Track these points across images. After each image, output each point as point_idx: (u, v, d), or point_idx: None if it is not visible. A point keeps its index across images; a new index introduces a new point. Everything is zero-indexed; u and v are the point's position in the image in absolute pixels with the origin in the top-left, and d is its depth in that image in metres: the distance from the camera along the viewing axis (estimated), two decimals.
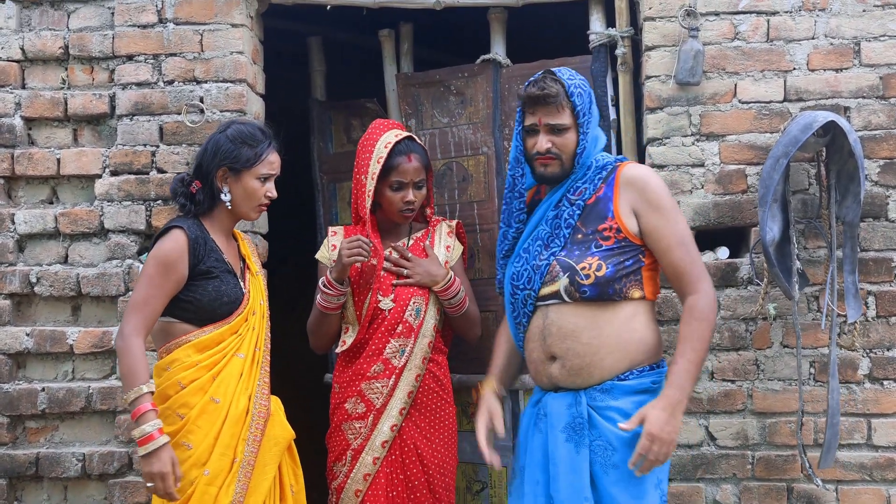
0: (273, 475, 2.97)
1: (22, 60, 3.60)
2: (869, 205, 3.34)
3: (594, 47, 3.67)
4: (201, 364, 2.88)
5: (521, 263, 2.86)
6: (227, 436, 2.86)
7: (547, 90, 2.76)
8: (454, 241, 3.54)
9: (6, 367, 3.54)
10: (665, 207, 2.75)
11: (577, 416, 2.72)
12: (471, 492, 3.79)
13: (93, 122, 3.60)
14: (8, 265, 3.55)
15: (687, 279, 2.74)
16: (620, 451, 2.68)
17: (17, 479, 3.52)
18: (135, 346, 2.81)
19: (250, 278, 3.04)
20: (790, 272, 3.22)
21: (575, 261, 2.74)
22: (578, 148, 2.80)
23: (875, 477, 3.33)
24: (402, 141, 3.38)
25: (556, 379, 2.78)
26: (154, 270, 2.86)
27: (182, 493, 2.81)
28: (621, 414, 2.70)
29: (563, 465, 2.71)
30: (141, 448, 2.74)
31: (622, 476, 2.67)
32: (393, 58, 4.03)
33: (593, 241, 2.76)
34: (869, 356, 3.35)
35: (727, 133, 3.42)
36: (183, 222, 2.93)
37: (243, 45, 3.56)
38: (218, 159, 2.93)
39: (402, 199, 3.38)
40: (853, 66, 3.39)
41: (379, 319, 3.35)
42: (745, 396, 3.38)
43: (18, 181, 3.61)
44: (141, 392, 2.77)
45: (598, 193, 2.80)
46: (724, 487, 3.38)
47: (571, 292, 2.74)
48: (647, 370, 2.76)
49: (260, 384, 2.97)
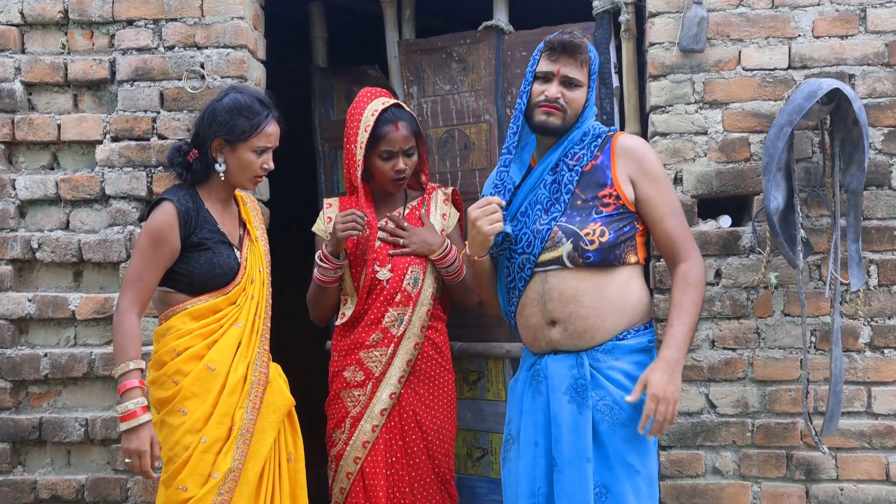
0: (272, 441, 2.97)
1: (21, 25, 3.58)
2: (873, 173, 3.32)
3: (597, 14, 3.64)
4: (196, 332, 2.88)
5: (520, 227, 2.86)
6: (224, 404, 2.86)
7: (576, 40, 2.80)
8: (450, 209, 3.53)
9: (8, 332, 3.55)
10: (660, 178, 2.85)
11: (579, 377, 2.75)
12: (471, 458, 3.81)
13: (93, 87, 3.58)
14: (9, 231, 3.55)
15: (680, 247, 2.83)
16: (627, 409, 2.73)
17: (20, 443, 3.55)
18: (126, 321, 2.82)
19: (249, 245, 3.02)
20: (794, 241, 3.21)
21: (577, 227, 2.76)
22: (585, 108, 2.84)
23: (874, 444, 3.34)
24: (389, 109, 3.35)
25: (557, 343, 2.80)
26: (145, 244, 2.86)
27: (177, 459, 2.83)
28: (623, 374, 2.78)
29: (566, 427, 2.74)
30: (122, 424, 2.78)
31: (630, 434, 2.74)
32: (395, 24, 4.00)
33: (594, 208, 2.79)
34: (870, 324, 3.35)
35: (731, 101, 3.39)
36: (174, 194, 2.90)
37: (244, 11, 3.53)
38: (213, 129, 2.89)
39: (392, 168, 3.36)
40: (858, 33, 3.36)
41: (377, 289, 3.35)
42: (746, 365, 3.38)
43: (19, 147, 3.60)
44: (128, 368, 2.79)
45: (594, 161, 2.84)
46: (723, 455, 3.39)
47: (575, 258, 2.76)
48: (642, 329, 2.85)
49: (260, 352, 2.97)
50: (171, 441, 2.85)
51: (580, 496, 2.70)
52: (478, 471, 3.79)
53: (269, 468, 2.98)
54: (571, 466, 2.72)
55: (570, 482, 2.71)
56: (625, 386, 2.77)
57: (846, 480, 3.35)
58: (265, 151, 2.94)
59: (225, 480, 2.84)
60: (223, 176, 2.93)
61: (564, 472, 2.73)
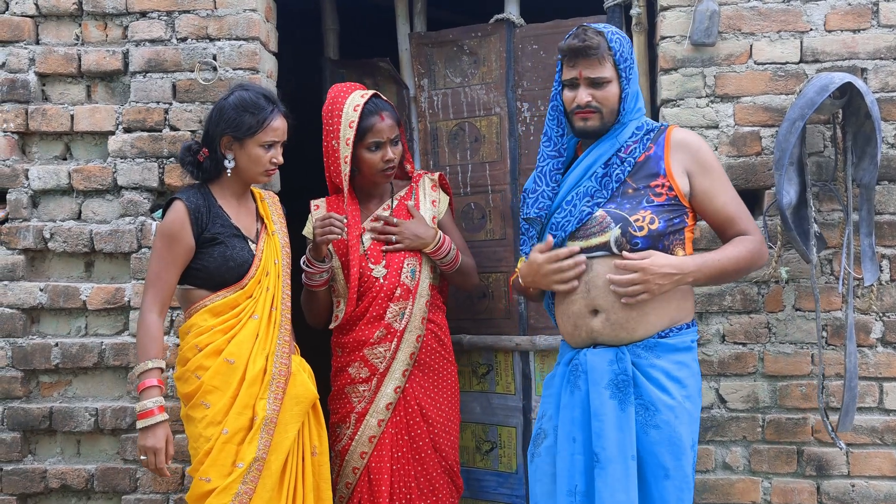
0: (294, 434, 3.00)
1: (36, 16, 3.60)
2: (885, 167, 3.31)
3: (609, 7, 3.63)
4: (216, 328, 2.94)
5: (564, 215, 2.81)
6: (245, 395, 2.91)
7: (588, 42, 2.72)
8: (440, 194, 3.51)
9: (20, 321, 3.57)
10: (717, 171, 2.83)
11: (620, 372, 2.69)
12: (480, 452, 3.81)
13: (106, 78, 3.60)
14: (22, 220, 3.58)
15: (744, 225, 2.81)
16: (662, 412, 2.68)
17: (30, 432, 3.57)
18: (148, 321, 2.91)
19: (266, 238, 3.06)
20: (807, 235, 3.20)
21: (627, 213, 2.72)
22: (623, 101, 2.78)
23: (886, 440, 3.32)
24: (370, 100, 3.33)
25: (598, 333, 2.74)
26: (161, 244, 2.94)
27: (200, 451, 2.88)
28: (664, 373, 2.71)
29: (608, 422, 2.67)
30: (139, 422, 2.87)
31: (663, 437, 2.67)
32: (406, 17, 4.01)
33: (644, 196, 2.73)
34: (882, 320, 3.33)
35: (742, 94, 3.38)
36: (184, 193, 2.98)
37: (256, 3, 3.54)
38: (221, 127, 2.96)
39: (381, 159, 3.33)
40: (871, 27, 3.34)
41: (374, 288, 3.33)
42: (757, 359, 3.37)
43: (32, 137, 3.62)
44: (147, 367, 2.88)
45: (647, 152, 2.79)
46: (733, 450, 3.38)
47: (623, 243, 2.70)
48: (685, 328, 2.79)
49: (280, 343, 3.00)
50: (194, 434, 2.91)
51: (623, 494, 2.62)
52: (486, 464, 3.79)
53: (292, 461, 3.01)
54: (615, 464, 2.64)
55: (614, 480, 2.63)
56: (664, 386, 2.70)
57: (857, 477, 3.34)
58: (273, 146, 2.99)
59: (249, 470, 2.88)
60: (229, 173, 2.99)
61: (608, 469, 2.65)
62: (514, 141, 3.74)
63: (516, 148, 3.75)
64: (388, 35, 4.09)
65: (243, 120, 2.93)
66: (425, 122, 3.89)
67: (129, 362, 3.52)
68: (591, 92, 2.75)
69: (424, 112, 3.89)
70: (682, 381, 2.73)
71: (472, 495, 3.76)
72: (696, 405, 2.77)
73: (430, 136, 3.89)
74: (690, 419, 2.72)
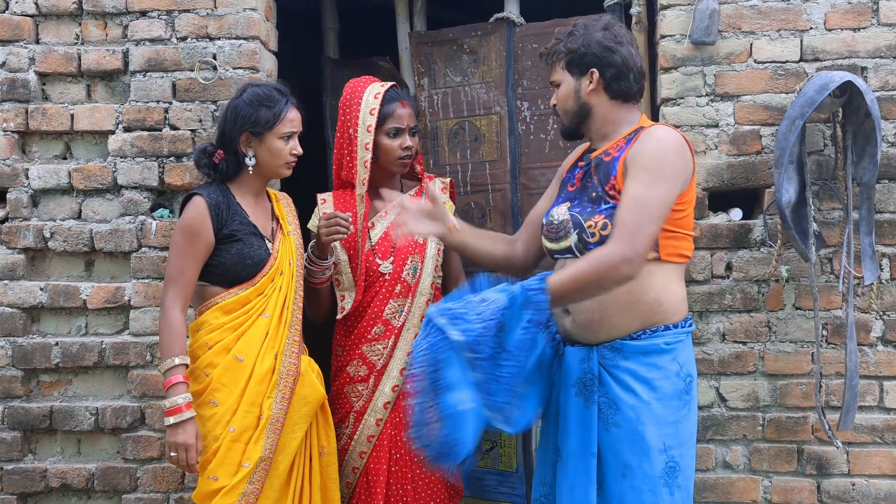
0: (302, 435, 3.01)
1: (36, 15, 3.60)
2: (885, 166, 3.31)
3: (609, 6, 3.64)
4: (227, 326, 2.94)
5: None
6: (252, 393, 2.91)
7: (546, 50, 2.84)
8: (447, 200, 3.51)
9: (20, 321, 3.57)
10: (646, 169, 2.60)
11: (587, 371, 2.72)
12: (480, 451, 3.81)
13: (106, 78, 3.60)
14: (22, 220, 3.58)
15: (617, 231, 2.58)
16: (624, 411, 2.66)
17: (31, 431, 3.57)
18: (171, 318, 2.89)
19: (282, 238, 3.08)
20: (806, 234, 3.20)
21: (584, 218, 2.72)
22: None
23: (886, 439, 3.32)
24: (390, 89, 3.34)
25: (570, 332, 2.79)
26: (181, 239, 2.93)
27: (208, 450, 2.88)
28: (631, 374, 2.68)
29: (572, 419, 2.72)
30: (169, 418, 2.84)
31: (623, 435, 2.66)
32: (406, 16, 4.02)
33: (602, 199, 2.71)
34: (882, 318, 3.33)
35: (742, 93, 3.38)
36: (204, 189, 2.99)
37: (256, 2, 3.54)
38: (239, 125, 2.97)
39: (400, 146, 3.30)
40: (871, 26, 3.34)
41: (379, 283, 3.33)
42: (757, 358, 3.37)
43: (32, 136, 3.62)
44: (173, 364, 2.86)
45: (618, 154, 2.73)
46: (734, 449, 3.38)
47: (581, 249, 2.72)
48: (660, 330, 2.69)
49: (289, 342, 3.01)
50: (203, 432, 2.90)
51: (581, 490, 2.67)
52: (486, 463, 3.78)
53: (299, 461, 3.01)
54: (575, 460, 2.69)
55: (574, 475, 2.69)
56: (629, 386, 2.67)
57: (858, 475, 3.34)
58: (291, 137, 3.01)
59: (256, 469, 2.88)
60: (251, 170, 3.00)
61: (568, 465, 2.71)
62: (514, 140, 3.74)
63: (516, 147, 3.75)
64: (388, 34, 4.09)
65: (260, 115, 2.95)
66: (425, 121, 3.89)
67: (130, 361, 3.53)
68: (556, 94, 2.84)
69: (424, 111, 3.89)
70: (651, 383, 2.67)
71: (473, 494, 3.76)
72: (673, 408, 2.68)
73: (430, 135, 3.89)
74: (660, 421, 2.65)
